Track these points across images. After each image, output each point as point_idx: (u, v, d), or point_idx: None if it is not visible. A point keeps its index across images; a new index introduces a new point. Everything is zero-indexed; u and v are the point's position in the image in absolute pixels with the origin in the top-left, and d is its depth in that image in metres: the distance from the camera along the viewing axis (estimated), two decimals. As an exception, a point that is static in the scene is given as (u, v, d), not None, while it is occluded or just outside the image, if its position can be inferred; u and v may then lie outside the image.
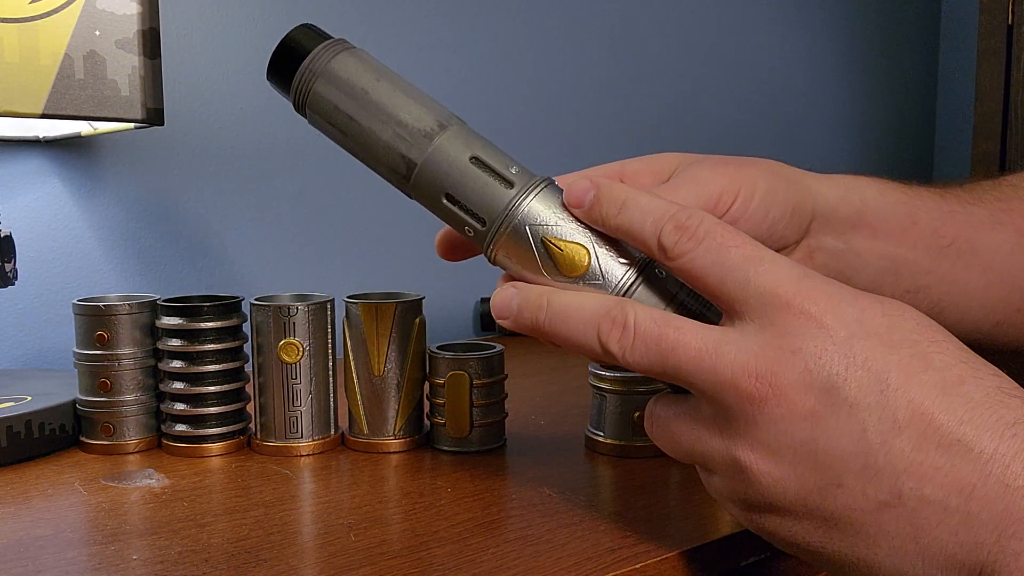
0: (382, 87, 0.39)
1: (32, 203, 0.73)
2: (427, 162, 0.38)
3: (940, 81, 1.69)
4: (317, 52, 0.40)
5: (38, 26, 0.53)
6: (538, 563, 0.38)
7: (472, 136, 0.39)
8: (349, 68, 0.39)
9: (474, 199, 0.38)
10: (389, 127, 0.38)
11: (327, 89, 0.39)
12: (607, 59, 1.15)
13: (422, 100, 0.39)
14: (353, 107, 0.39)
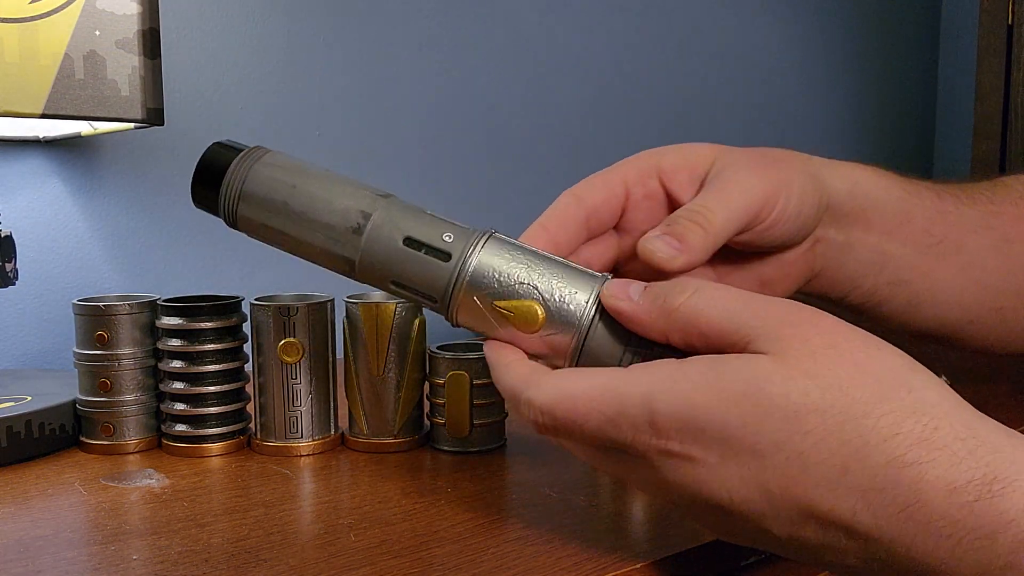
0: (300, 193, 0.38)
1: (32, 203, 0.73)
2: (363, 257, 0.38)
3: (940, 81, 1.69)
4: (230, 175, 0.39)
5: (38, 26, 0.53)
6: (538, 563, 0.38)
7: (400, 213, 0.38)
8: (264, 183, 0.39)
9: (418, 281, 0.37)
10: (318, 233, 0.38)
11: (251, 211, 0.39)
12: (607, 59, 1.15)
13: (342, 191, 0.38)
14: (279, 221, 0.38)
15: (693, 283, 0.33)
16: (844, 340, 0.30)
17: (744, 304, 0.32)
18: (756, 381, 0.30)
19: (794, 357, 0.30)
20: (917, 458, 0.28)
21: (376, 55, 0.93)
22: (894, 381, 0.30)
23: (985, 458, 0.28)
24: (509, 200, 1.07)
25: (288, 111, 0.87)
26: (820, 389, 0.29)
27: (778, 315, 0.31)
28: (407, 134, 0.96)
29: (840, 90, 1.49)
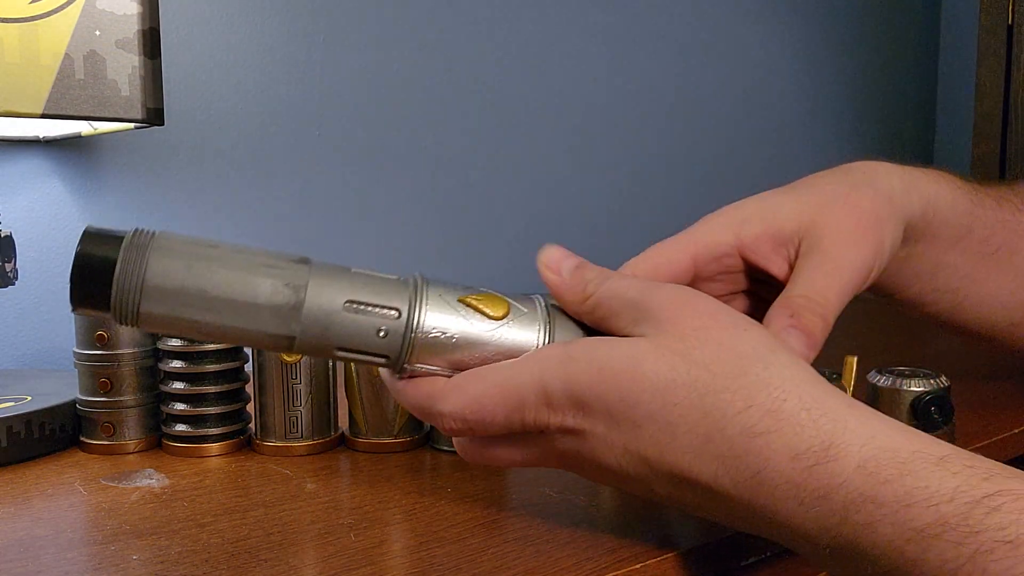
0: (216, 276, 0.34)
1: (32, 203, 0.73)
2: (304, 331, 0.35)
3: (940, 81, 1.69)
4: (122, 268, 0.33)
5: (38, 26, 0.53)
6: (538, 563, 0.37)
7: (332, 278, 0.36)
8: (169, 272, 0.33)
9: (368, 343, 0.36)
10: (247, 315, 0.34)
11: (157, 307, 0.33)
12: (606, 60, 1.15)
13: (261, 264, 0.35)
14: (196, 312, 0.34)
15: (605, 274, 0.38)
16: (714, 322, 0.34)
17: (637, 292, 0.36)
18: (632, 359, 0.33)
19: (667, 338, 0.34)
20: (766, 428, 0.32)
21: (376, 55, 0.93)
22: (753, 357, 0.33)
23: (826, 427, 0.31)
24: (510, 200, 1.07)
25: (288, 111, 0.87)
26: (687, 365, 0.33)
27: (660, 301, 0.35)
28: (407, 134, 0.96)
29: (841, 90, 1.49)
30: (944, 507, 0.29)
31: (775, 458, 0.32)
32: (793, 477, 0.31)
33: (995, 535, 0.28)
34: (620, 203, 1.19)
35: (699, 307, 0.35)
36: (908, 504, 0.30)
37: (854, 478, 0.31)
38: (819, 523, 0.31)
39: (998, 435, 0.57)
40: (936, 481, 0.30)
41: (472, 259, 1.04)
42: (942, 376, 0.54)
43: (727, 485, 0.33)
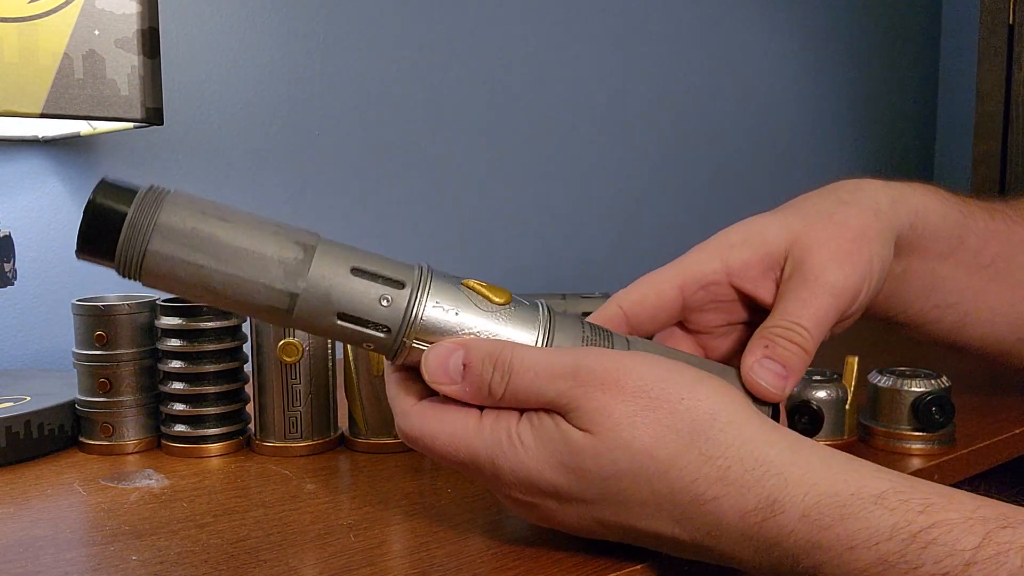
0: (228, 225, 0.35)
1: (32, 203, 0.73)
2: (307, 290, 0.35)
3: (941, 81, 1.69)
4: (137, 206, 0.34)
5: (37, 25, 0.52)
6: (538, 564, 0.37)
7: (340, 248, 0.37)
8: (183, 215, 0.34)
9: (370, 310, 0.36)
10: (254, 265, 0.35)
11: (165, 245, 0.34)
12: (605, 62, 1.15)
13: (272, 226, 0.36)
14: (203, 257, 0.34)
15: (505, 362, 0.36)
16: (648, 402, 0.35)
17: (552, 382, 0.35)
18: (573, 456, 0.35)
19: (602, 433, 0.34)
20: (715, 494, 0.34)
21: (375, 55, 0.93)
22: (693, 432, 0.34)
23: (769, 484, 0.33)
24: (510, 200, 1.07)
25: (288, 111, 0.87)
26: (628, 457, 0.34)
27: (584, 389, 0.35)
28: (406, 134, 0.96)
29: (841, 90, 1.49)
30: (883, 546, 0.30)
31: (725, 518, 0.34)
32: (745, 531, 0.33)
33: (932, 569, 0.29)
34: (621, 204, 1.19)
35: (627, 388, 0.35)
36: (851, 547, 0.31)
37: (799, 527, 0.32)
38: (775, 565, 0.33)
39: (998, 435, 0.57)
40: (875, 520, 0.31)
41: (473, 259, 1.04)
42: (943, 376, 0.54)
43: (685, 538, 0.35)
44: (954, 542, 0.29)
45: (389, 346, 0.37)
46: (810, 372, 0.55)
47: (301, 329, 0.37)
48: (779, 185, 1.41)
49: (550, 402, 0.35)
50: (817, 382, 0.53)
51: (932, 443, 0.53)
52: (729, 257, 0.44)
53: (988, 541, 0.29)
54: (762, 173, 1.38)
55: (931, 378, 0.54)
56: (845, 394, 0.53)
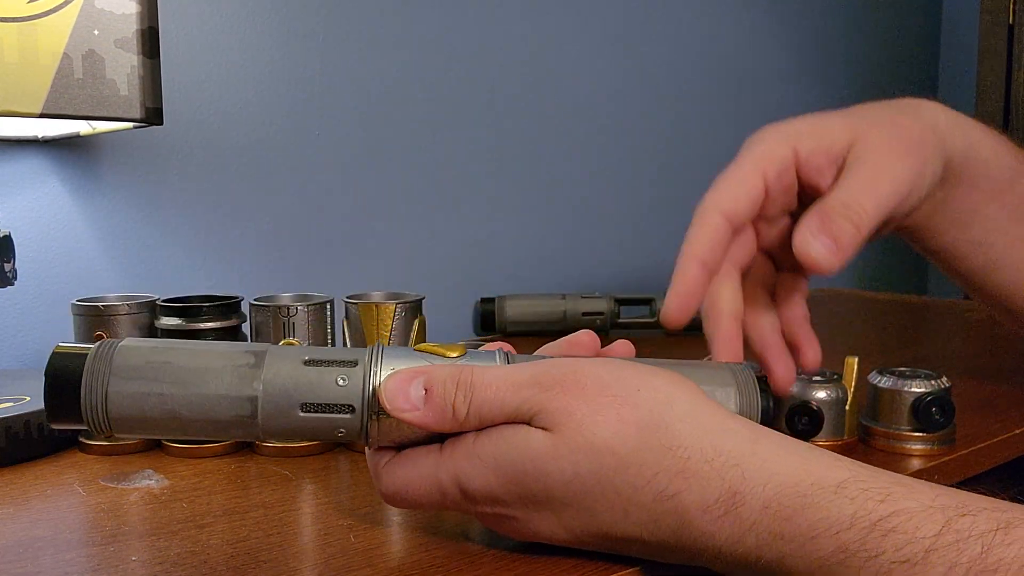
0: (180, 353, 0.36)
1: (32, 203, 0.73)
2: (266, 388, 0.36)
3: (941, 81, 1.69)
4: (92, 361, 0.36)
5: (37, 25, 0.52)
6: (539, 565, 0.37)
7: (289, 348, 0.38)
8: (135, 355, 0.36)
9: (329, 394, 0.36)
10: (210, 380, 0.36)
11: (125, 385, 0.35)
12: (605, 59, 1.15)
13: (221, 345, 0.38)
14: (162, 385, 0.35)
15: (466, 381, 0.36)
16: (608, 400, 0.35)
17: (516, 399, 0.36)
18: (535, 462, 0.35)
19: (565, 433, 0.35)
20: (676, 489, 0.34)
21: (375, 55, 0.93)
22: (652, 425, 0.35)
23: (729, 475, 0.33)
24: (511, 200, 1.07)
25: (287, 110, 0.87)
26: (589, 457, 0.34)
27: (547, 394, 0.35)
28: (407, 134, 0.96)
29: (841, 90, 1.49)
30: (844, 535, 0.31)
31: (688, 514, 0.34)
32: (707, 528, 0.33)
33: (892, 556, 0.29)
34: (621, 204, 1.19)
35: (588, 387, 0.35)
36: (812, 536, 0.31)
37: (761, 519, 0.32)
38: (740, 562, 0.33)
39: (999, 436, 0.57)
40: (836, 510, 0.31)
41: (472, 259, 1.03)
42: (943, 377, 0.54)
43: (653, 541, 0.35)
44: (914, 530, 0.30)
45: (357, 426, 0.37)
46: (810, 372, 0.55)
47: (273, 437, 0.38)
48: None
49: (514, 412, 0.36)
50: (817, 382, 0.53)
51: (932, 444, 0.53)
52: (798, 146, 0.45)
53: (948, 528, 0.29)
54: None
55: (931, 379, 0.54)
56: (845, 395, 0.53)
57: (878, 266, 1.61)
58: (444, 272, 1.01)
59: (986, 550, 0.28)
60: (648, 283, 1.18)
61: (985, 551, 0.28)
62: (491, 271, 1.05)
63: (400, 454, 0.38)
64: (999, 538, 0.29)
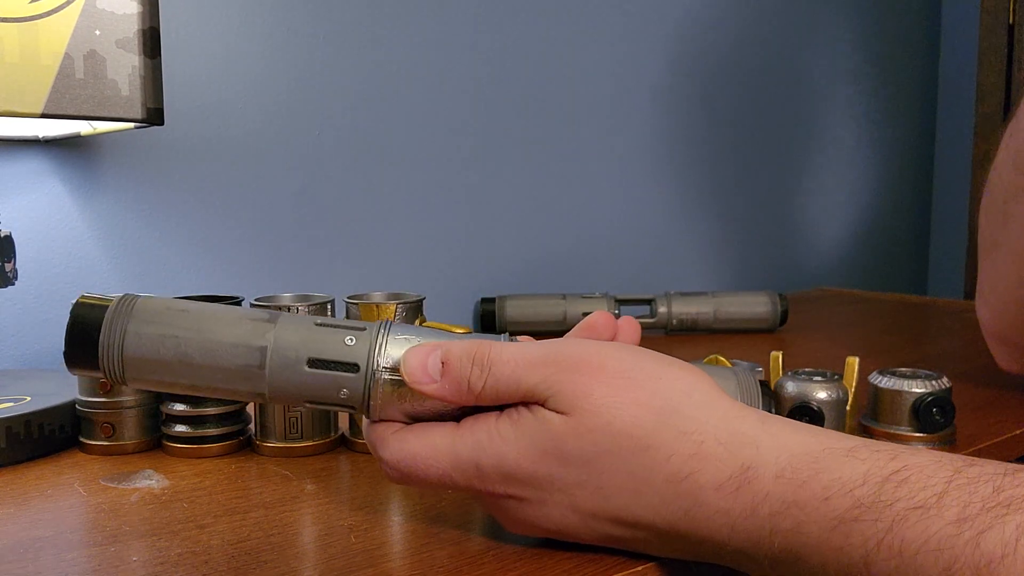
0: (197, 305, 0.38)
1: (32, 203, 0.73)
2: (272, 389, 0.37)
3: (941, 80, 1.69)
4: (116, 306, 0.38)
5: (38, 26, 0.52)
6: (539, 565, 0.37)
7: (293, 335, 0.38)
8: (155, 303, 0.38)
9: (339, 350, 0.37)
10: (225, 328, 0.37)
11: (143, 326, 0.37)
12: (606, 56, 1.15)
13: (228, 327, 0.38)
14: (178, 329, 0.37)
15: (484, 356, 0.37)
16: (625, 384, 0.36)
17: (533, 370, 0.36)
18: (554, 440, 0.35)
19: (583, 413, 0.35)
20: (691, 470, 0.34)
21: (376, 54, 0.93)
22: (668, 410, 0.35)
23: (741, 454, 0.34)
24: (512, 200, 1.07)
25: (288, 111, 0.87)
26: (607, 436, 0.35)
27: (565, 374, 0.36)
28: (407, 133, 0.96)
29: (841, 90, 1.49)
30: (858, 491, 0.31)
31: (701, 494, 0.34)
32: (721, 505, 0.34)
33: (906, 503, 0.30)
34: (621, 204, 1.19)
35: (607, 370, 0.36)
36: (826, 498, 0.32)
37: (775, 489, 0.33)
38: (752, 540, 0.33)
39: (999, 436, 0.57)
40: (848, 470, 0.32)
41: (473, 259, 1.03)
42: (943, 377, 0.54)
43: (663, 525, 0.35)
44: (927, 478, 0.31)
45: (360, 388, 0.37)
46: (811, 372, 0.55)
47: (277, 396, 0.38)
48: (777, 188, 1.41)
49: (530, 390, 0.36)
50: (818, 383, 0.53)
51: (933, 444, 0.53)
52: None
53: (958, 475, 0.30)
54: (761, 176, 1.38)
55: (932, 379, 0.54)
56: (845, 395, 0.53)
57: (878, 266, 1.61)
58: (444, 272, 1.01)
59: (997, 489, 0.29)
60: (648, 283, 1.19)
61: (996, 490, 0.29)
62: (491, 271, 1.05)
63: (413, 425, 0.38)
64: (1008, 480, 0.30)
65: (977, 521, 0.28)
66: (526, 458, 0.36)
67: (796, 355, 0.85)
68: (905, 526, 0.30)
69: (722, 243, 1.33)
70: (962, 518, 0.29)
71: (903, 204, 1.65)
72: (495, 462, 0.36)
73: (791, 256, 1.44)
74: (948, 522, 0.29)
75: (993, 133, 1.41)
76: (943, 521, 0.29)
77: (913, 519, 0.30)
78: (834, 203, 1.51)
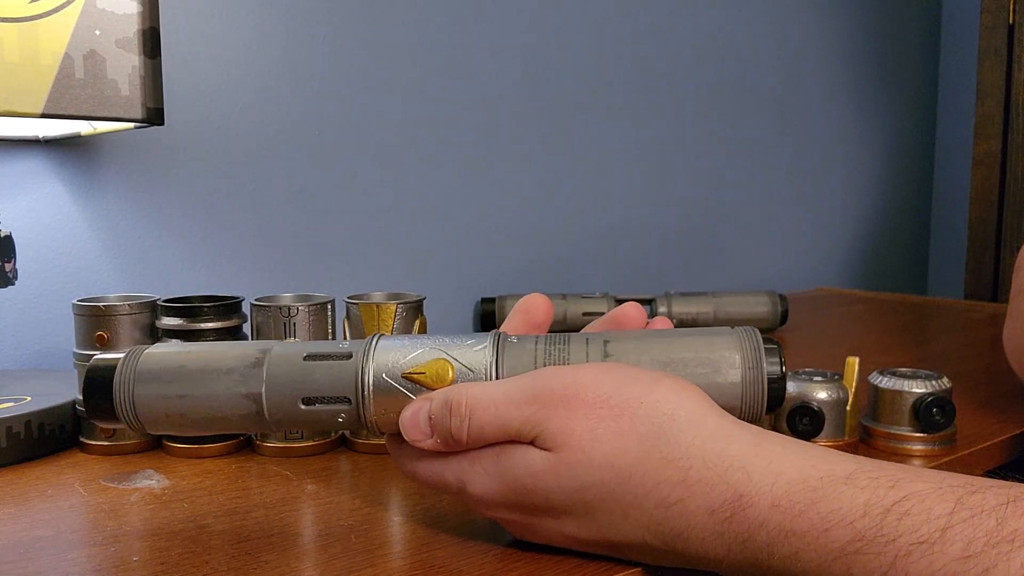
0: (192, 356, 0.40)
1: (32, 203, 0.73)
2: (269, 384, 0.39)
3: (941, 80, 1.69)
4: (120, 368, 0.40)
5: (38, 26, 0.52)
6: (540, 565, 0.37)
7: (293, 345, 0.40)
8: (155, 359, 0.40)
9: (328, 386, 0.39)
10: (220, 380, 0.39)
11: (147, 388, 0.39)
12: (608, 52, 1.15)
13: (231, 347, 0.41)
14: (180, 387, 0.39)
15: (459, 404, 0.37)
16: (607, 413, 0.35)
17: (515, 410, 0.36)
18: (535, 478, 0.36)
19: (565, 449, 0.35)
20: (679, 497, 0.34)
21: (376, 54, 0.93)
22: (653, 437, 0.35)
23: (733, 478, 0.33)
24: (513, 200, 1.07)
25: (288, 111, 0.87)
26: (590, 471, 0.35)
27: (546, 411, 0.36)
28: (407, 133, 0.96)
29: (841, 90, 1.49)
30: (859, 523, 0.31)
31: (693, 519, 0.34)
32: (715, 528, 0.33)
33: (910, 538, 0.30)
34: (621, 204, 1.19)
35: (587, 401, 0.36)
36: (826, 528, 0.31)
37: (771, 517, 0.32)
38: (749, 561, 0.33)
39: (999, 436, 0.57)
40: (847, 500, 0.31)
41: (473, 259, 1.03)
42: (944, 377, 0.54)
43: (657, 544, 0.35)
44: (928, 510, 0.30)
45: (356, 415, 0.39)
46: (811, 373, 0.55)
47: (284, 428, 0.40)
48: (777, 188, 1.41)
49: (517, 433, 0.36)
50: (818, 383, 0.53)
51: (933, 444, 0.53)
52: None
53: (960, 506, 0.30)
54: (761, 176, 1.38)
55: (932, 379, 0.54)
56: (846, 395, 0.53)
57: (878, 266, 1.61)
58: (444, 272, 1.01)
59: (1001, 522, 0.29)
60: (648, 283, 1.19)
61: (1000, 523, 0.29)
62: (491, 271, 1.05)
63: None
64: (1011, 511, 0.29)
65: (982, 558, 0.28)
66: (509, 492, 0.37)
67: (796, 355, 0.85)
68: (909, 561, 0.29)
69: (722, 243, 1.33)
70: (967, 555, 0.28)
71: (903, 204, 1.65)
72: (478, 493, 0.37)
73: (791, 256, 1.44)
74: (952, 558, 0.29)
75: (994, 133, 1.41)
76: (947, 557, 0.29)
77: (917, 555, 0.29)
78: (834, 203, 1.51)
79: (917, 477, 0.32)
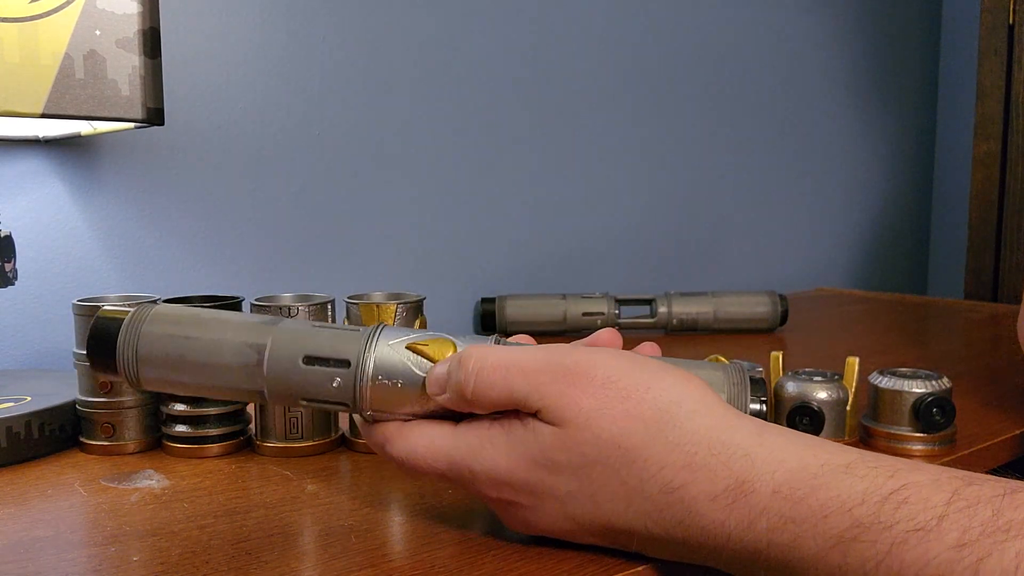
0: (211, 312, 0.42)
1: (32, 203, 0.73)
2: (269, 385, 0.40)
3: (941, 80, 1.69)
4: (139, 309, 0.42)
5: (38, 26, 0.52)
6: (540, 565, 0.37)
7: (290, 335, 0.40)
8: (173, 308, 0.42)
9: (331, 348, 0.39)
10: (231, 328, 0.40)
11: (156, 327, 0.41)
12: (608, 49, 1.15)
13: (231, 330, 0.41)
14: (190, 329, 0.40)
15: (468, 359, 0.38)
16: (614, 394, 0.36)
17: (524, 378, 0.37)
18: (544, 452, 0.36)
19: (572, 425, 0.36)
20: (683, 481, 0.34)
21: (376, 54, 0.93)
22: (659, 420, 0.35)
23: (736, 466, 0.34)
24: (513, 200, 1.07)
25: (288, 111, 0.87)
26: (597, 448, 0.35)
27: (555, 385, 0.36)
28: (407, 134, 0.96)
29: (841, 90, 1.49)
30: (857, 510, 0.31)
31: (695, 504, 0.34)
32: (716, 516, 0.34)
33: (906, 526, 0.30)
34: (621, 204, 1.19)
35: (596, 380, 0.36)
36: (824, 515, 0.32)
37: (772, 504, 0.33)
38: (748, 550, 0.33)
39: (999, 436, 0.57)
40: (846, 488, 0.32)
41: (474, 259, 1.03)
42: (944, 377, 0.54)
43: (657, 531, 0.35)
44: (925, 499, 0.30)
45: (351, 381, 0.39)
46: (811, 372, 0.55)
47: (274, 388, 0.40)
48: (777, 188, 1.41)
49: (522, 400, 0.36)
50: (818, 383, 0.53)
51: (933, 444, 0.53)
52: None
53: (957, 497, 0.30)
54: (761, 176, 1.38)
55: (932, 379, 0.54)
56: (846, 395, 0.53)
57: (878, 266, 1.61)
58: (444, 272, 1.01)
59: (997, 512, 0.29)
60: (648, 283, 1.19)
61: (996, 513, 0.29)
62: (491, 271, 1.05)
63: (415, 422, 0.39)
64: (1007, 502, 0.29)
65: (977, 547, 0.28)
66: (518, 468, 0.37)
67: (796, 355, 0.85)
68: (904, 549, 0.30)
69: (722, 243, 1.33)
70: (962, 543, 0.29)
71: (903, 204, 1.65)
72: (487, 469, 0.37)
73: (791, 256, 1.44)
74: (948, 547, 0.29)
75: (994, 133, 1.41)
76: (943, 545, 0.29)
77: (913, 542, 0.29)
78: (834, 203, 1.51)
79: (916, 468, 0.32)
